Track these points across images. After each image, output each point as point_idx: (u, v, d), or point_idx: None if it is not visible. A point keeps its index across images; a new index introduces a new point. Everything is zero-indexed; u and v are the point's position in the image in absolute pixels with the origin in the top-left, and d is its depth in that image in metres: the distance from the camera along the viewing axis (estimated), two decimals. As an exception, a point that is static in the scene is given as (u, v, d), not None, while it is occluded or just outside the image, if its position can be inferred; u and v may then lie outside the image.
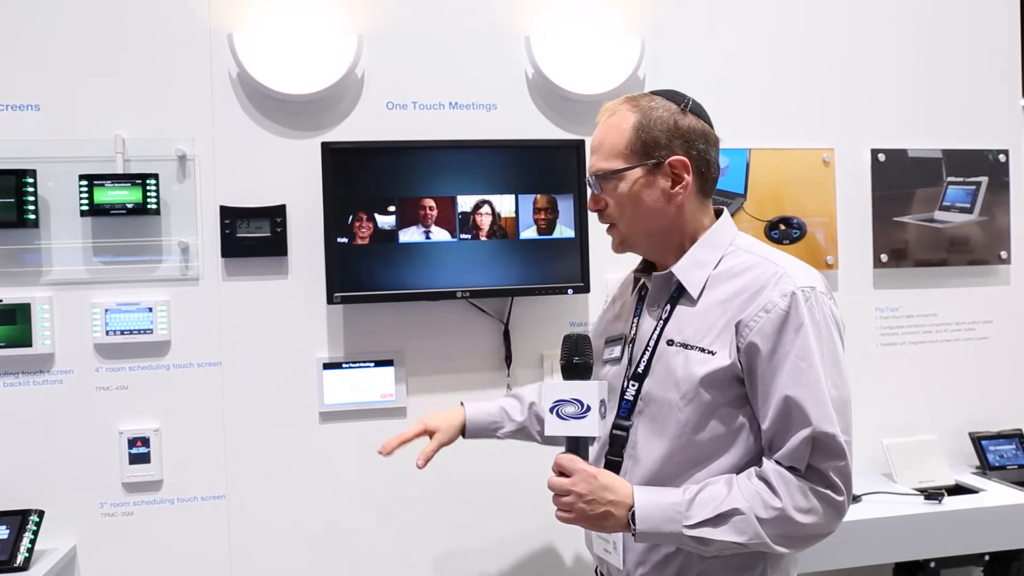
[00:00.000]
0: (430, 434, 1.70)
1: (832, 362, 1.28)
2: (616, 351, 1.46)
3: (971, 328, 2.48)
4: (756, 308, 1.28)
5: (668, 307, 1.38)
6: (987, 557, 2.17)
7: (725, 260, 1.36)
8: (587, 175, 1.42)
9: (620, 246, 1.43)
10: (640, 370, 1.37)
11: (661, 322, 1.37)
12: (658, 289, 1.41)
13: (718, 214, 1.43)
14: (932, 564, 2.13)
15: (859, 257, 2.41)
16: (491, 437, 1.77)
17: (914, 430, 2.41)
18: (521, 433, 1.77)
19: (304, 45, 2.05)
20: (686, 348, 1.32)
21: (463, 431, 1.74)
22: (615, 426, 1.38)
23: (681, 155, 1.36)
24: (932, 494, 2.16)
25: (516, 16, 2.19)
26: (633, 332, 1.43)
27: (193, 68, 2.04)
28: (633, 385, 1.38)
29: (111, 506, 2.02)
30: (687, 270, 1.36)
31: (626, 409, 1.37)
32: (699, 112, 1.40)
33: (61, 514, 1.98)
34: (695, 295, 1.35)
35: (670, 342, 1.34)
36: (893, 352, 2.43)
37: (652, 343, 1.37)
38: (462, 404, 1.75)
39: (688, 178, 1.36)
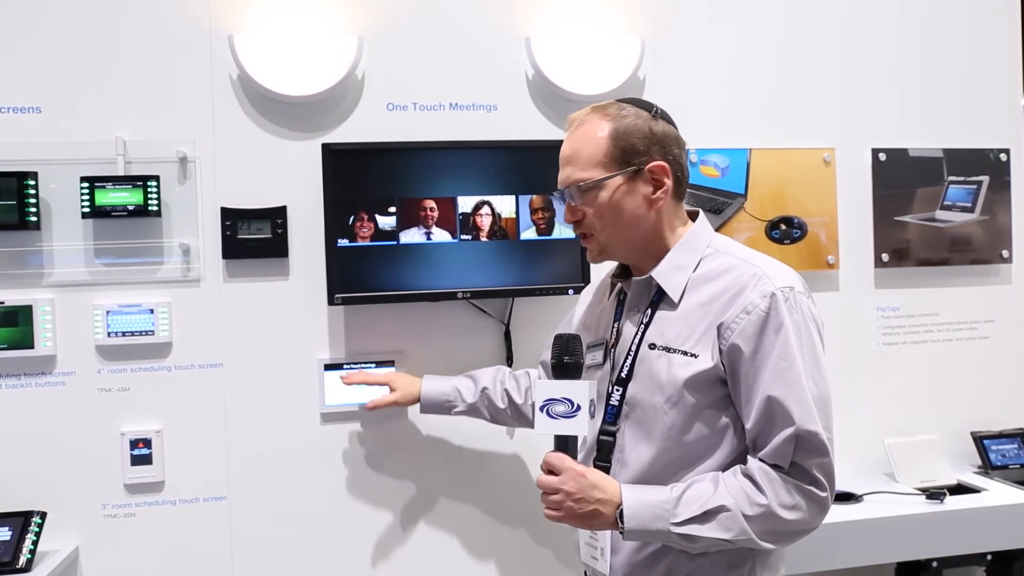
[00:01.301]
0: (392, 389, 1.93)
1: (812, 360, 1.29)
2: (598, 356, 1.46)
3: (973, 327, 2.48)
4: (737, 310, 1.29)
5: (649, 311, 1.38)
6: (989, 557, 2.17)
7: (704, 263, 1.37)
8: (559, 188, 1.42)
9: (599, 256, 1.43)
10: (623, 375, 1.38)
11: (642, 326, 1.38)
12: (637, 294, 1.42)
13: (693, 216, 1.44)
14: (934, 564, 2.13)
15: (860, 257, 2.41)
16: (445, 414, 1.92)
17: (916, 430, 2.40)
18: (472, 412, 1.90)
19: (304, 46, 2.05)
20: (668, 351, 1.33)
21: (420, 406, 1.92)
22: (602, 431, 1.38)
23: (660, 160, 1.37)
24: (934, 494, 2.15)
25: (516, 17, 2.19)
26: (614, 337, 1.44)
27: (194, 70, 2.05)
28: (617, 390, 1.38)
29: (113, 507, 2.02)
30: (667, 274, 1.37)
31: (612, 414, 1.38)
32: (667, 118, 1.42)
33: (63, 515, 1.98)
34: (676, 299, 1.36)
35: (652, 346, 1.35)
36: (894, 352, 2.43)
37: (634, 348, 1.38)
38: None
39: (668, 183, 1.37)
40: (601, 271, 2.14)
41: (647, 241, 1.40)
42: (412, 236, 2.06)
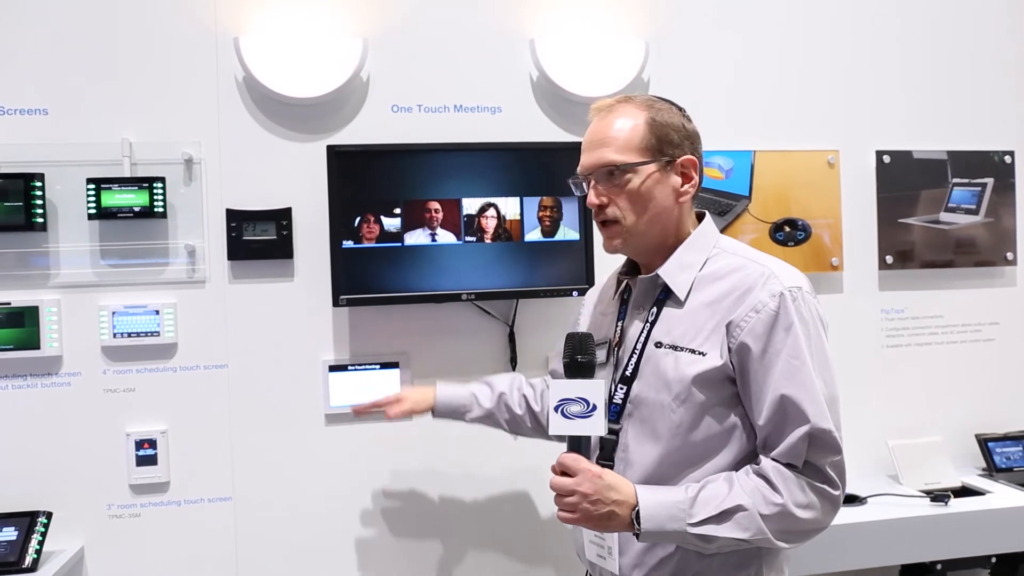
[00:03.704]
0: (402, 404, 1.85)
1: (821, 359, 1.30)
2: (600, 355, 1.46)
3: (977, 330, 2.48)
4: (746, 309, 1.29)
5: (654, 310, 1.38)
6: (994, 559, 2.16)
7: (710, 262, 1.38)
8: (584, 170, 1.38)
9: (621, 245, 1.39)
10: (628, 373, 1.38)
11: (648, 324, 1.38)
12: (643, 292, 1.41)
13: (700, 217, 1.44)
14: (938, 566, 2.13)
15: (864, 259, 2.41)
16: (459, 419, 1.83)
17: (920, 432, 2.40)
18: (488, 419, 1.82)
19: (309, 49, 2.06)
20: (676, 350, 1.33)
21: (433, 410, 1.83)
22: None
23: (690, 155, 1.39)
24: (938, 496, 2.15)
25: (520, 19, 2.20)
26: (618, 336, 1.43)
27: (199, 72, 2.06)
28: (621, 388, 1.38)
29: (118, 508, 2.03)
30: (674, 272, 1.37)
31: (615, 413, 1.38)
32: (691, 119, 1.43)
33: (69, 515, 1.99)
34: (682, 297, 1.36)
35: (659, 344, 1.35)
36: (899, 354, 2.42)
37: (639, 346, 1.37)
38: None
39: (696, 178, 1.39)
40: (605, 273, 2.15)
41: (665, 235, 1.40)
42: (417, 237, 2.06)
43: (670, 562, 1.33)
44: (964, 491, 2.26)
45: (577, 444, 1.30)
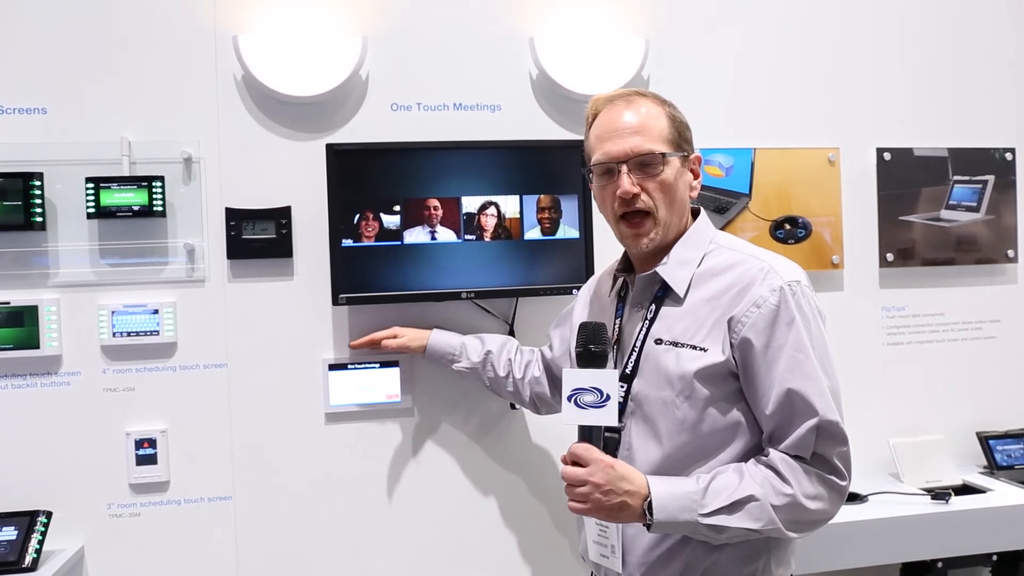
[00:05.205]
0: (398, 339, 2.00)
1: (823, 352, 1.31)
2: None
3: (978, 327, 2.47)
4: (747, 304, 1.29)
5: (653, 307, 1.38)
6: (995, 557, 2.16)
7: (708, 258, 1.38)
8: (619, 156, 1.35)
9: (654, 237, 1.36)
10: (628, 371, 1.37)
11: (647, 322, 1.38)
12: (641, 289, 1.42)
13: (695, 214, 1.45)
14: (939, 564, 2.12)
15: (865, 256, 2.40)
16: (446, 367, 1.98)
17: (921, 430, 2.40)
18: (472, 373, 1.96)
19: (309, 47, 2.05)
20: (676, 346, 1.33)
21: (425, 352, 1.98)
22: (606, 428, 1.37)
23: (697, 153, 1.43)
24: (939, 494, 2.15)
25: (520, 17, 2.19)
26: (616, 333, 1.43)
27: (198, 71, 2.05)
28: (622, 386, 1.38)
29: (118, 507, 2.02)
30: (672, 269, 1.37)
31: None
32: None
33: (69, 515, 1.99)
34: (681, 294, 1.36)
35: (659, 341, 1.35)
36: (899, 352, 2.42)
37: (638, 343, 1.37)
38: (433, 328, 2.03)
39: (701, 175, 1.43)
40: (599, 270, 2.15)
41: (677, 230, 1.41)
42: (416, 236, 2.06)
43: (678, 558, 1.33)
44: (965, 489, 2.26)
45: (588, 434, 1.29)
